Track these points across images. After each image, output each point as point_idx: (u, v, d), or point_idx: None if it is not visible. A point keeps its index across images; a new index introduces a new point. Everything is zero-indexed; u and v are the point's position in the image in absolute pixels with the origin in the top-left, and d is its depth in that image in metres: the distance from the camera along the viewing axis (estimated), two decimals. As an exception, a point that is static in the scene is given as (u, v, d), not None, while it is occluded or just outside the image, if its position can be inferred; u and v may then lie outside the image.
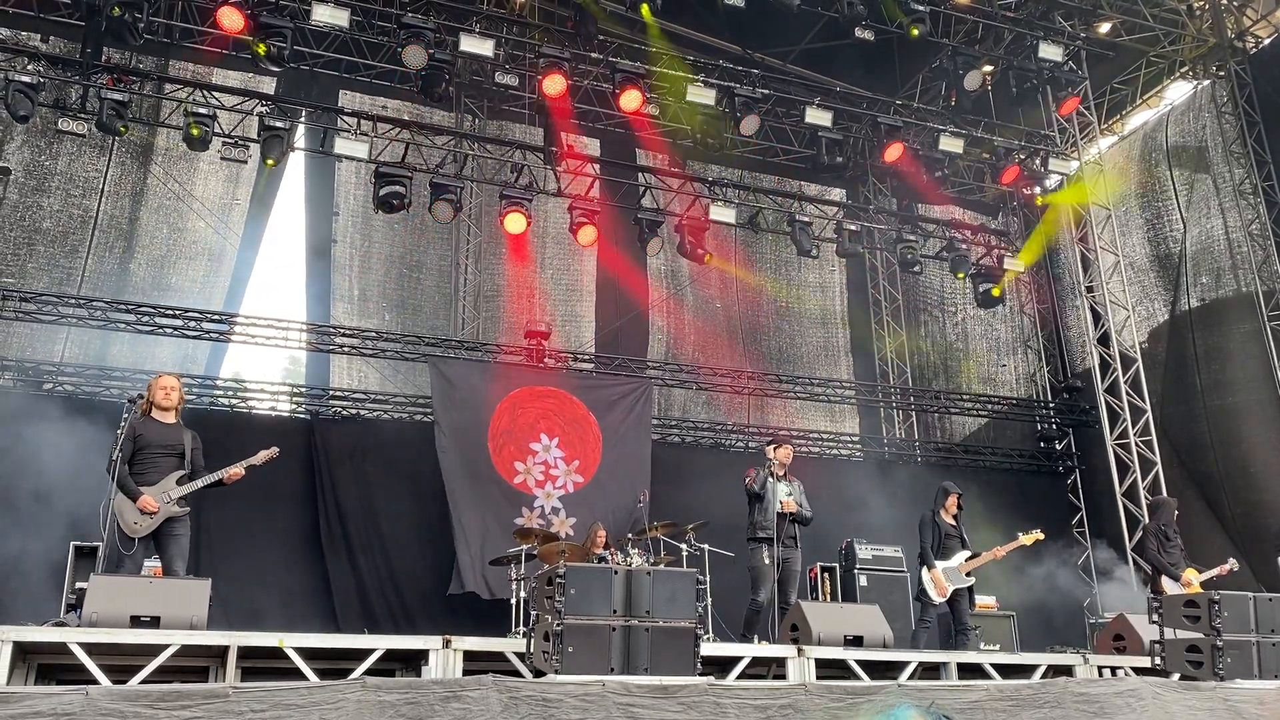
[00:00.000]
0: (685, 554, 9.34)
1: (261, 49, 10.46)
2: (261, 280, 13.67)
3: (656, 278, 15.62)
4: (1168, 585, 9.20)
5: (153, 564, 6.93)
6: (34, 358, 11.88)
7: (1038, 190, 14.34)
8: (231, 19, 10.41)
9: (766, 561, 8.09)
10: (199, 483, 6.58)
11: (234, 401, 12.83)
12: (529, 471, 12.58)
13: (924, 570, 8.76)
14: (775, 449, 8.59)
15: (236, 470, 6.67)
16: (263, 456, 6.78)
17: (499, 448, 12.50)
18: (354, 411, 12.99)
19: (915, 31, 11.93)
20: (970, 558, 8.71)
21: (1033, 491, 14.67)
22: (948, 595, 8.59)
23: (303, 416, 12.79)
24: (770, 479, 8.35)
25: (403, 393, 13.23)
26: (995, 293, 13.76)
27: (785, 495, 8.32)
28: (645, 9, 11.62)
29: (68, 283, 12.27)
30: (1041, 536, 8.93)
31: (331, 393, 13.14)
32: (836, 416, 16.29)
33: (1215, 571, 9.41)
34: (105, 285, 12.41)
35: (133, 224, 12.84)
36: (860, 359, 16.68)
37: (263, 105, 11.74)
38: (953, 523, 8.91)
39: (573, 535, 11.61)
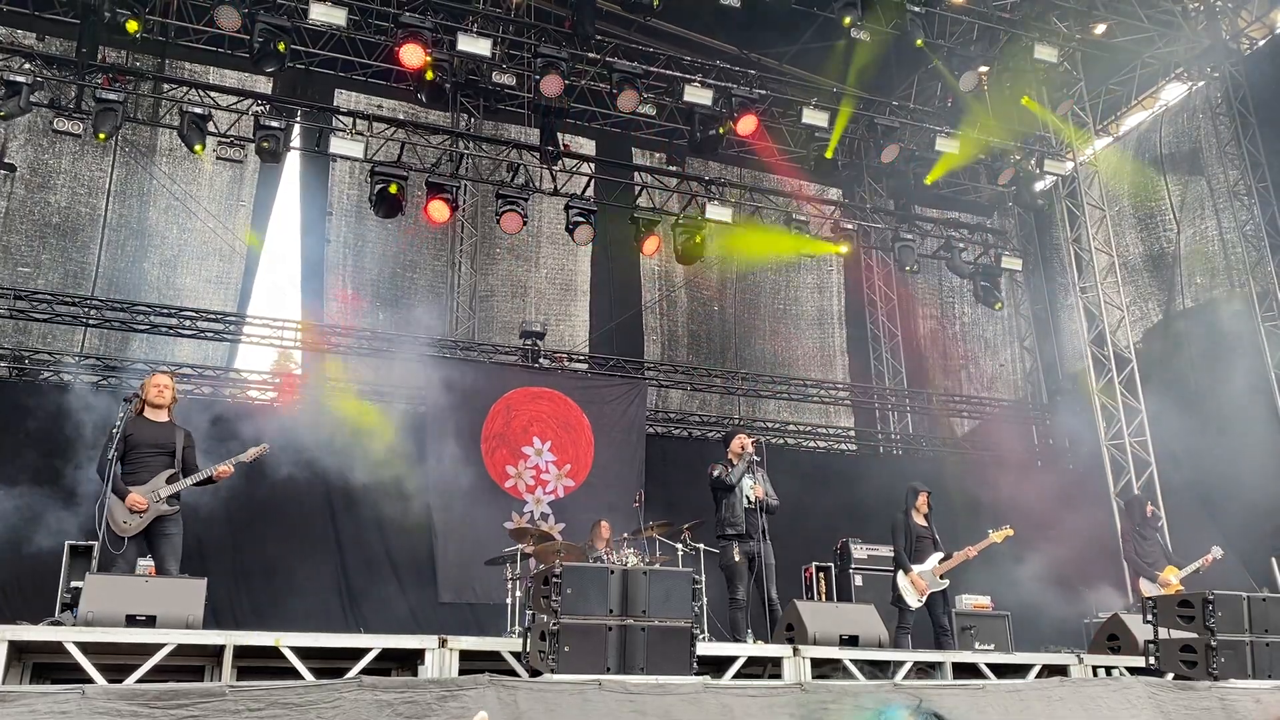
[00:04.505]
0: (681, 553, 9.34)
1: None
2: (263, 279, 13.74)
3: (651, 278, 15.65)
4: (1145, 586, 9.27)
5: (147, 563, 6.91)
6: (54, 349, 11.98)
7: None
8: (229, 18, 10.40)
9: (738, 558, 7.96)
10: (188, 481, 6.54)
11: (236, 392, 12.85)
12: (520, 476, 12.59)
13: (899, 575, 8.75)
14: (751, 440, 8.26)
15: (225, 468, 6.62)
16: (252, 453, 6.74)
17: (491, 450, 12.50)
18: (356, 405, 12.98)
19: (921, 43, 11.98)
20: (943, 559, 8.72)
21: (1028, 490, 14.68)
22: (926, 597, 8.58)
23: (305, 409, 12.78)
24: (743, 470, 8.08)
25: (398, 386, 13.22)
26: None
27: (751, 485, 8.08)
28: None
29: (82, 277, 12.41)
30: (1011, 533, 8.96)
31: (335, 384, 13.17)
32: (832, 414, 16.36)
33: (1197, 564, 9.46)
34: (119, 284, 12.52)
35: (142, 224, 12.93)
36: (856, 358, 16.73)
37: (259, 105, 11.75)
38: (924, 523, 8.89)
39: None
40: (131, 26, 10.02)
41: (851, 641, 6.83)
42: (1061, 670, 7.17)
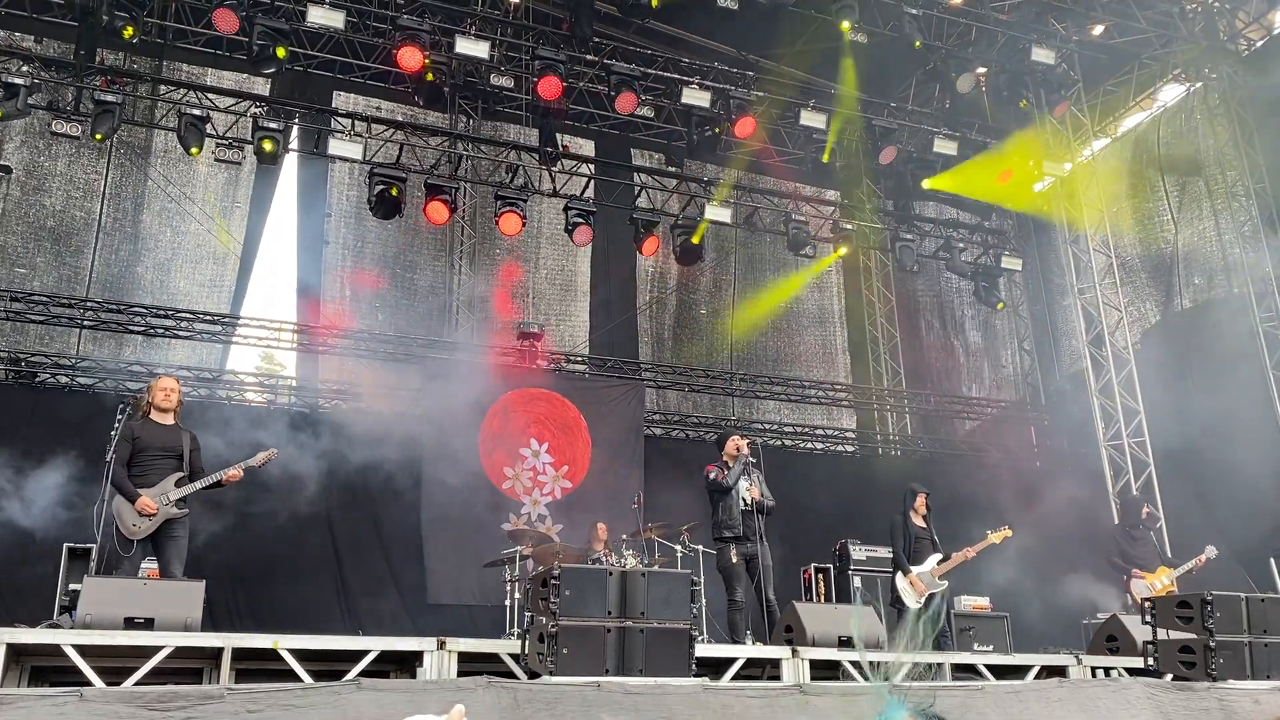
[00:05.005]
0: (680, 555, 9.34)
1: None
2: (259, 280, 13.73)
3: (652, 279, 15.66)
4: (1135, 587, 9.33)
5: (149, 565, 6.92)
6: (47, 351, 12.00)
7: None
8: (227, 20, 10.40)
9: (735, 560, 7.92)
10: (197, 484, 6.59)
11: (232, 394, 12.85)
12: (517, 477, 12.58)
13: (899, 576, 8.75)
14: (746, 442, 8.20)
15: (234, 472, 6.69)
16: (261, 458, 6.80)
17: (489, 451, 12.49)
18: (354, 406, 13.00)
19: (919, 44, 12.02)
20: (942, 560, 8.72)
21: (1027, 492, 14.69)
22: (924, 599, 8.58)
23: (302, 410, 12.79)
24: (739, 472, 8.02)
25: (395, 388, 13.22)
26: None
27: (747, 487, 8.03)
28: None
29: (76, 281, 12.41)
30: (1009, 533, 8.96)
31: (332, 386, 13.18)
32: (834, 413, 16.38)
33: (1190, 564, 9.53)
34: (113, 287, 12.52)
35: (136, 227, 12.91)
36: (857, 357, 16.75)
37: (257, 106, 11.75)
38: (923, 524, 8.90)
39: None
40: (127, 32, 10.02)
41: (850, 643, 6.83)
42: (1060, 671, 7.18)
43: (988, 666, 7.07)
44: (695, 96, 12.06)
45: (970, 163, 13.82)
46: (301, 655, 5.39)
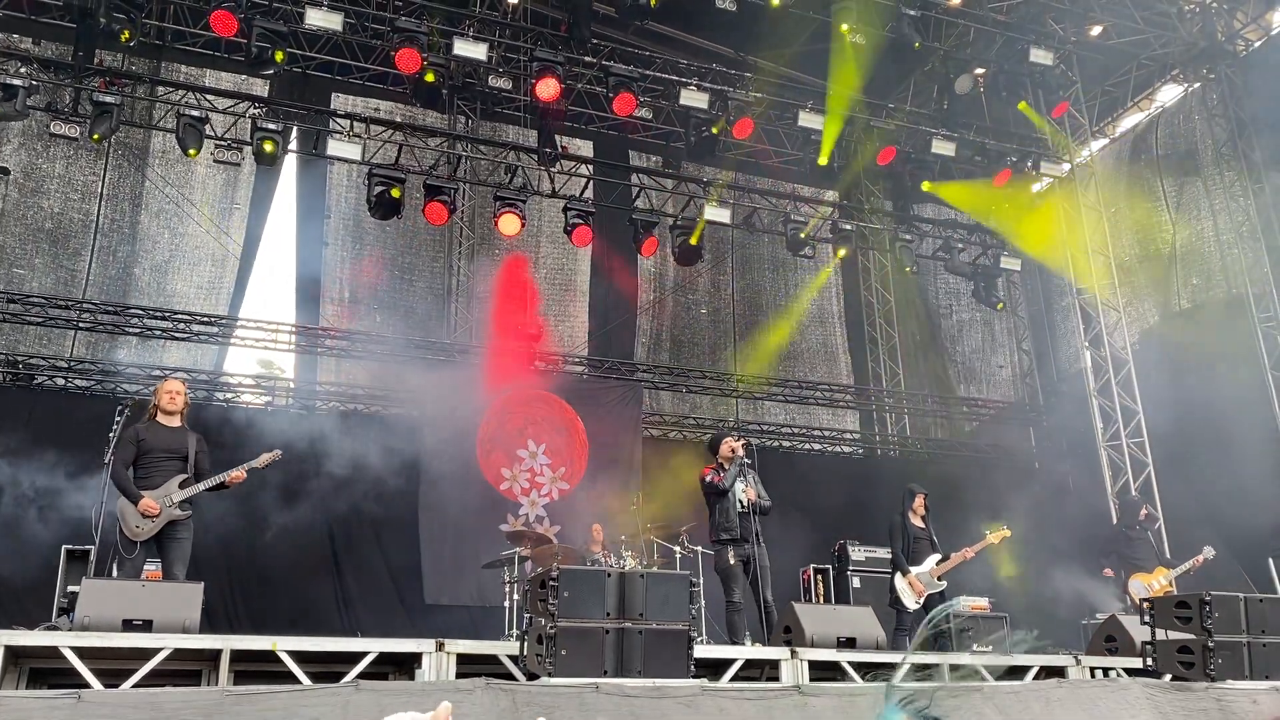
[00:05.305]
0: (679, 556, 9.34)
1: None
2: (257, 281, 13.68)
3: (650, 279, 15.66)
4: (1134, 587, 9.37)
5: (151, 567, 6.93)
6: (44, 353, 12.01)
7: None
8: (225, 23, 10.40)
9: (733, 561, 7.86)
10: (201, 486, 6.61)
11: (230, 396, 12.85)
12: (515, 478, 12.58)
13: (897, 576, 8.76)
14: (740, 443, 8.13)
15: (238, 473, 6.71)
16: (265, 459, 6.81)
17: (487, 452, 12.49)
18: (352, 407, 13.00)
19: (918, 45, 12.04)
20: (941, 561, 8.73)
21: (1025, 492, 14.69)
22: (923, 600, 8.59)
23: (300, 412, 12.79)
24: (735, 474, 7.95)
25: (393, 389, 13.23)
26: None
27: (743, 489, 7.96)
28: None
29: (73, 284, 12.40)
30: (1008, 533, 8.98)
31: (330, 387, 13.17)
32: (838, 413, 16.38)
33: (1188, 564, 9.57)
34: (110, 289, 12.51)
35: (134, 228, 12.87)
36: (856, 358, 16.76)
37: (255, 108, 11.75)
38: (921, 524, 8.92)
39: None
40: (124, 36, 10.02)
41: (849, 644, 6.84)
42: (1059, 672, 7.18)
43: (987, 667, 7.06)
44: (693, 98, 12.05)
45: (970, 182, 13.89)
46: (300, 657, 5.38)
